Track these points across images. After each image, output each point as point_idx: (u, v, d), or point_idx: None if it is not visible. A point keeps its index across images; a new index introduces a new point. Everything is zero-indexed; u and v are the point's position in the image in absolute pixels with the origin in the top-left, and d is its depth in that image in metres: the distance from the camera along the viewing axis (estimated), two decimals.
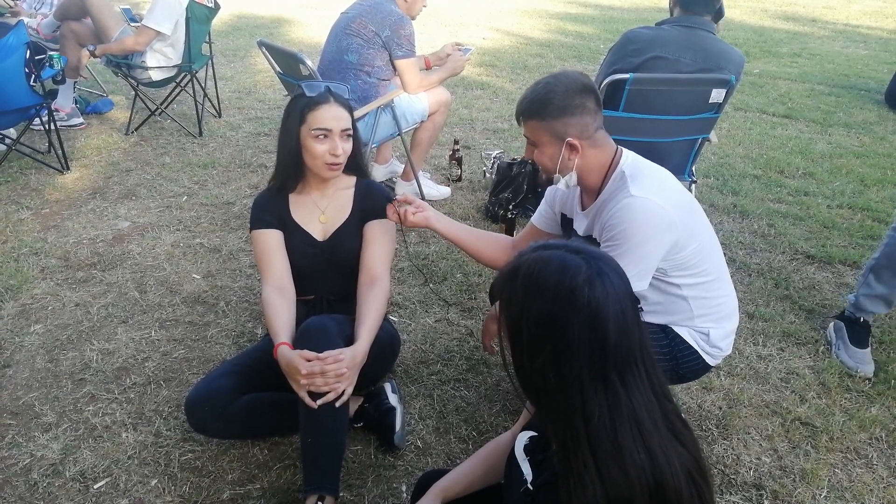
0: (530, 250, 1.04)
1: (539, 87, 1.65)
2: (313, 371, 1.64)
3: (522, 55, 6.76)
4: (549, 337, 0.97)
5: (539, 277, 0.99)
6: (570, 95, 1.60)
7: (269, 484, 1.82)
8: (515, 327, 1.01)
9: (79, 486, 1.81)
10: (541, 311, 0.97)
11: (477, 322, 2.53)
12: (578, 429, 0.95)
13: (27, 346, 2.34)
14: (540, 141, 1.66)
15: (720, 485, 1.86)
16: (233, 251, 2.97)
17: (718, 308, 1.76)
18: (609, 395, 0.95)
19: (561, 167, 1.66)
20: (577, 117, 1.61)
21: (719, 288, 1.76)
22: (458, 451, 1.95)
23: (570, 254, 1.00)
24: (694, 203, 1.72)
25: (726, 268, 1.80)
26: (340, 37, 3.09)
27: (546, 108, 1.61)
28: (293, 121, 1.87)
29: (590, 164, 1.66)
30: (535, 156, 1.70)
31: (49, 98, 3.58)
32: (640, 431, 0.95)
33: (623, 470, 0.92)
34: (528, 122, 1.66)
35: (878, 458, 1.97)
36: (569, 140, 1.62)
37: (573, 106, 1.60)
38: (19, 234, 3.06)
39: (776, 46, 7.58)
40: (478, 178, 3.79)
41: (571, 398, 0.96)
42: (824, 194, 3.69)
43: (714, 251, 1.73)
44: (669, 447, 0.96)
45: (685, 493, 0.95)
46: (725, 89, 2.56)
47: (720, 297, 1.77)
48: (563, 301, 0.96)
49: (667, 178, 1.68)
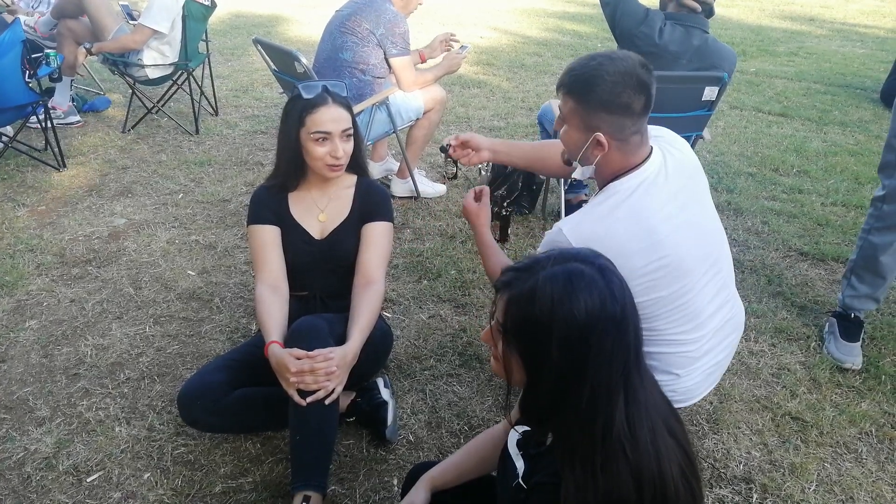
0: (536, 267, 1.00)
1: (592, 64, 1.44)
2: (303, 369, 1.65)
3: (519, 54, 6.77)
4: (586, 355, 0.94)
5: (566, 297, 0.95)
6: (619, 90, 1.41)
7: (262, 478, 1.84)
8: (539, 355, 0.97)
9: (72, 479, 1.82)
10: (575, 331, 0.94)
11: (470, 318, 2.54)
12: (596, 435, 0.94)
13: (22, 342, 2.35)
14: (570, 122, 1.51)
15: (710, 478, 1.88)
16: (228, 248, 2.98)
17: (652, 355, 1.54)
18: (629, 390, 0.96)
19: (582, 157, 1.53)
20: (616, 116, 1.43)
21: (664, 346, 1.54)
22: (450, 446, 1.96)
23: (580, 264, 0.98)
24: (665, 258, 1.44)
25: (689, 334, 1.55)
26: (335, 35, 3.09)
27: (589, 94, 1.44)
28: (292, 124, 1.87)
29: (609, 163, 1.51)
30: (562, 134, 1.56)
31: (46, 96, 3.58)
32: (650, 422, 0.96)
33: (635, 470, 0.92)
34: (565, 98, 1.50)
35: (868, 452, 1.98)
36: (597, 136, 1.46)
37: (617, 103, 1.42)
38: (15, 231, 3.07)
39: (773, 45, 7.59)
40: (473, 175, 3.80)
41: (597, 408, 0.95)
42: (818, 192, 3.70)
43: (671, 321, 1.50)
44: (664, 439, 0.97)
45: (680, 486, 0.96)
46: (718, 87, 2.58)
47: (661, 352, 1.56)
48: (597, 315, 0.94)
49: (629, 223, 1.44)
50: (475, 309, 2.59)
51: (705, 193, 1.62)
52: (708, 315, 1.57)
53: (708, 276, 1.55)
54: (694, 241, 1.51)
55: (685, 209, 1.51)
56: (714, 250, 1.59)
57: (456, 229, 3.19)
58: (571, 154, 1.56)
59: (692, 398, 1.67)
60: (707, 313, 1.57)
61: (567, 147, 1.57)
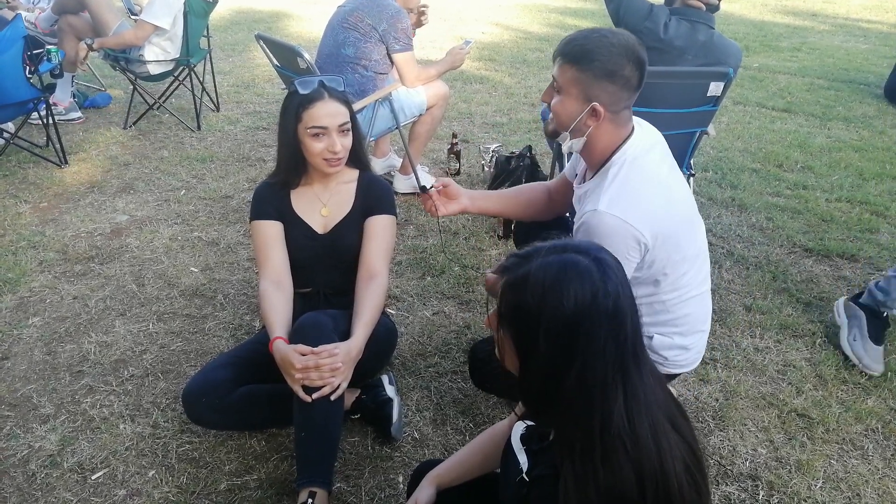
0: (527, 259, 0.99)
1: (594, 36, 1.49)
2: (308, 365, 1.64)
3: (522, 49, 6.75)
4: (574, 347, 0.93)
5: (555, 284, 0.94)
6: (623, 62, 1.46)
7: (267, 475, 1.83)
8: (528, 342, 0.97)
9: (77, 476, 1.82)
10: (562, 322, 0.93)
11: (475, 315, 2.53)
12: (594, 430, 0.93)
13: (25, 339, 2.34)
14: (567, 91, 1.53)
15: (716, 475, 1.87)
16: (231, 244, 2.97)
17: (676, 320, 1.68)
18: (628, 386, 0.94)
19: (574, 128, 1.56)
20: (617, 87, 1.49)
21: (685, 305, 1.66)
22: (455, 443, 1.95)
23: (575, 255, 0.97)
24: (683, 212, 1.61)
25: (704, 285, 1.71)
26: (337, 30, 3.08)
27: (592, 61, 1.47)
28: (289, 119, 1.86)
29: (600, 137, 1.56)
30: (554, 104, 1.57)
31: (47, 92, 3.57)
32: (651, 418, 0.94)
33: (636, 466, 0.91)
34: (564, 67, 1.52)
35: (874, 449, 1.97)
36: (594, 105, 1.49)
37: (619, 74, 1.47)
38: (17, 228, 3.06)
39: (776, 41, 7.56)
40: (476, 171, 3.79)
41: (593, 401, 0.93)
42: (823, 188, 3.69)
43: (690, 269, 1.63)
44: (668, 434, 0.96)
45: (684, 482, 0.95)
46: (723, 82, 2.56)
47: (682, 315, 1.68)
48: (587, 308, 0.92)
49: (651, 185, 1.55)
50: (479, 305, 2.58)
51: (675, 164, 1.73)
52: (704, 260, 1.73)
53: (699, 224, 1.70)
54: (686, 193, 1.66)
55: (672, 170, 1.65)
56: (693, 204, 1.71)
57: (459, 225, 3.18)
58: (563, 124, 1.58)
59: (665, 365, 1.76)
60: (704, 259, 1.73)
61: (559, 117, 1.58)
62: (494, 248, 3.00)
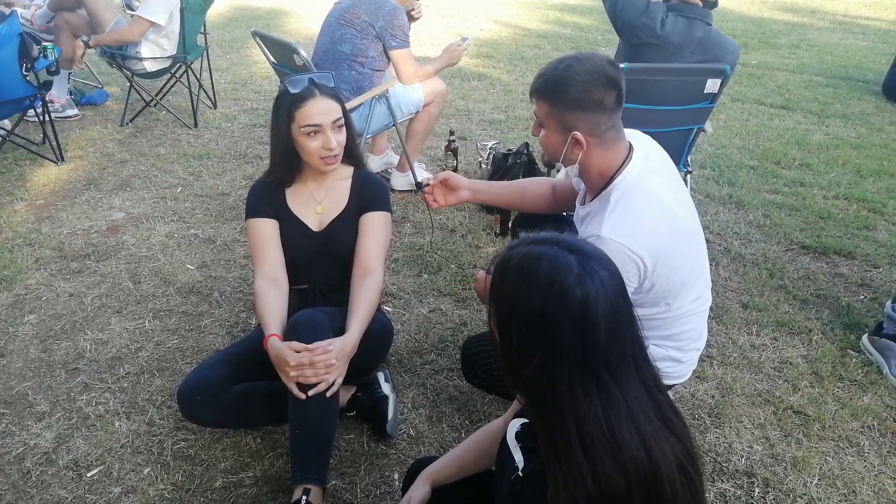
0: (523, 242, 1.01)
1: (561, 67, 1.51)
2: (302, 362, 1.64)
3: (520, 46, 6.74)
4: (539, 337, 0.94)
5: (530, 274, 0.95)
6: (591, 88, 1.47)
7: (262, 472, 1.83)
8: (505, 323, 0.99)
9: (72, 474, 1.81)
10: (530, 309, 0.94)
11: (471, 312, 2.53)
12: (570, 429, 0.93)
13: (21, 336, 2.34)
14: (547, 125, 1.57)
15: (711, 472, 1.87)
16: (227, 242, 2.96)
17: (675, 335, 1.68)
18: (603, 394, 0.93)
19: (564, 158, 1.58)
20: (591, 114, 1.49)
21: (686, 321, 1.67)
22: (451, 440, 1.95)
23: (564, 251, 0.97)
24: (686, 237, 1.60)
25: (705, 304, 1.71)
26: (334, 27, 3.07)
27: (560, 94, 1.50)
28: (282, 120, 1.86)
29: (592, 162, 1.56)
30: (541, 138, 1.61)
31: (43, 89, 3.56)
32: (637, 426, 0.93)
33: (621, 466, 0.91)
34: (539, 103, 1.56)
35: (870, 446, 1.97)
36: (575, 134, 1.51)
37: (590, 101, 1.48)
38: (13, 225, 3.05)
39: (775, 37, 7.56)
40: (473, 168, 3.78)
41: (562, 399, 0.94)
42: (820, 185, 3.68)
43: (691, 290, 1.63)
44: (662, 438, 0.96)
45: (678, 483, 0.95)
46: (720, 79, 2.56)
47: (681, 331, 1.68)
48: (554, 300, 0.93)
49: (654, 210, 1.53)
50: (476, 303, 2.58)
51: (681, 183, 1.72)
52: (705, 282, 1.72)
53: (701, 245, 1.70)
54: (690, 214, 1.65)
55: (676, 191, 1.64)
56: (697, 224, 1.70)
57: (456, 223, 3.17)
58: (553, 157, 1.63)
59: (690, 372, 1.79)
60: (705, 281, 1.72)
61: (547, 150, 1.63)
62: (491, 246, 2.99)
